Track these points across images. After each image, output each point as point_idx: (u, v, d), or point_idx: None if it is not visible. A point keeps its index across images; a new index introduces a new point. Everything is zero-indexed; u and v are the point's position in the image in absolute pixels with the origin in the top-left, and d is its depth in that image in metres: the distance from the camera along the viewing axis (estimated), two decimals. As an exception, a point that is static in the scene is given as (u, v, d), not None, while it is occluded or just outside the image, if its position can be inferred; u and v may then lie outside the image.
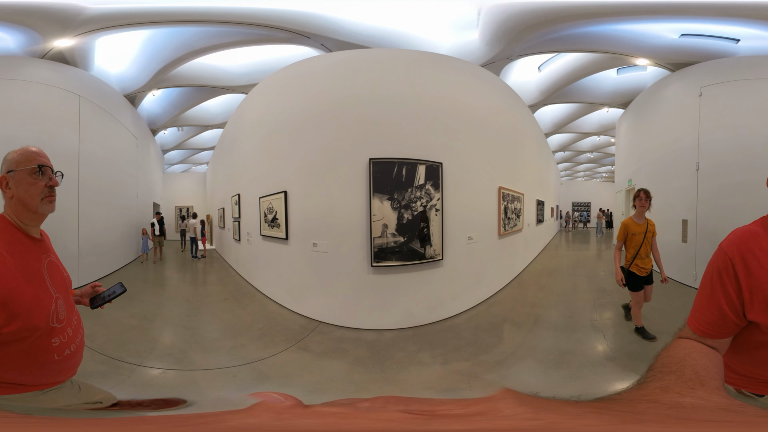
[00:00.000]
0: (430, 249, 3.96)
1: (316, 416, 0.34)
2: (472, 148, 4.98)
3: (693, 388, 0.59)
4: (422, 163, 4.01)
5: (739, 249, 0.92)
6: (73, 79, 6.43)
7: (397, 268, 4.10)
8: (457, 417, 0.33)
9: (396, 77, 4.42)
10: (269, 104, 5.67)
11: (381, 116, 4.26)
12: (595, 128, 13.43)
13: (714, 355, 0.85)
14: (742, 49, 5.83)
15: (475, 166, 5.05)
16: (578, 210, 25.03)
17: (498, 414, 0.34)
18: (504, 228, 6.18)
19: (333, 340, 3.86)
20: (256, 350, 3.65)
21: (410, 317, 4.20)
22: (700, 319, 0.94)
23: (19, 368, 1.17)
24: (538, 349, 3.57)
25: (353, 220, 4.16)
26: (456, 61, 5.15)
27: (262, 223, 5.89)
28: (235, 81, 8.06)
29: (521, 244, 7.76)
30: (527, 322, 4.37)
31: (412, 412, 0.33)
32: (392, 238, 3.97)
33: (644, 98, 8.58)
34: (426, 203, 3.89)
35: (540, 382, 2.90)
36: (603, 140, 14.83)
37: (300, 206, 4.83)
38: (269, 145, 5.60)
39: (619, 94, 9.72)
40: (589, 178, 27.03)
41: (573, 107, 11.63)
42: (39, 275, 1.23)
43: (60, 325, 1.26)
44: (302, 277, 4.82)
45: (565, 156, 18.08)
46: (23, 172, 1.28)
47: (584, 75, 8.81)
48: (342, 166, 4.28)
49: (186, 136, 13.72)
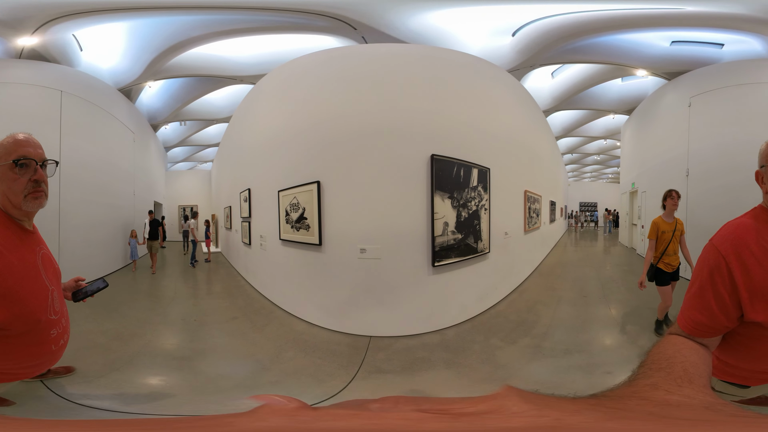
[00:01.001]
0: (480, 243, 4.68)
1: (332, 418, 0.33)
2: (509, 155, 5.84)
3: (681, 386, 0.60)
4: (475, 166, 4.54)
5: (733, 245, 0.90)
6: (53, 75, 6.35)
7: (455, 264, 4.33)
8: (473, 415, 0.34)
9: (455, 78, 4.59)
10: (297, 85, 4.95)
11: (443, 113, 4.26)
12: (601, 132, 14.35)
13: (704, 351, 0.84)
14: (726, 54, 6.50)
15: (511, 171, 5.91)
16: (587, 210, 26.02)
17: (507, 411, 0.35)
18: (528, 225, 7.11)
19: (401, 352, 3.59)
20: (303, 387, 2.95)
21: (464, 311, 4.51)
22: (689, 318, 0.94)
23: (20, 359, 1.18)
24: (566, 320, 4.63)
25: (412, 219, 3.98)
26: (497, 70, 5.77)
27: (282, 223, 5.02)
28: (243, 71, 7.70)
29: (539, 241, 8.70)
30: (553, 302, 5.43)
31: (427, 411, 0.34)
32: (452, 236, 4.22)
33: (645, 106, 9.49)
34: (478, 203, 4.60)
35: (571, 341, 3.88)
36: (609, 143, 15.77)
37: (338, 202, 4.16)
38: (295, 128, 4.78)
39: (624, 102, 10.54)
40: (596, 179, 28.06)
41: (581, 113, 12.52)
42: (35, 268, 1.23)
43: (56, 317, 1.27)
44: (345, 291, 4.17)
45: (573, 158, 19.04)
46: (4, 168, 1.21)
47: (592, 84, 9.63)
48: (397, 158, 3.97)
49: (189, 131, 13.26)
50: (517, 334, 4.12)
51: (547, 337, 4.03)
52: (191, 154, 16.94)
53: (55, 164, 1.32)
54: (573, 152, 17.52)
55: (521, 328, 4.29)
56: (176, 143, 14.22)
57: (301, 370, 3.27)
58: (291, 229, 4.84)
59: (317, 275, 4.47)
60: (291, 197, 4.79)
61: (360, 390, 2.88)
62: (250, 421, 0.33)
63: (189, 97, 9.89)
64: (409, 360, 3.46)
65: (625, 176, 11.98)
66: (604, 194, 25.67)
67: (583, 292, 6.10)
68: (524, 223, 6.83)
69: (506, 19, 5.83)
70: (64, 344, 1.35)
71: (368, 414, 0.34)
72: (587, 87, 9.73)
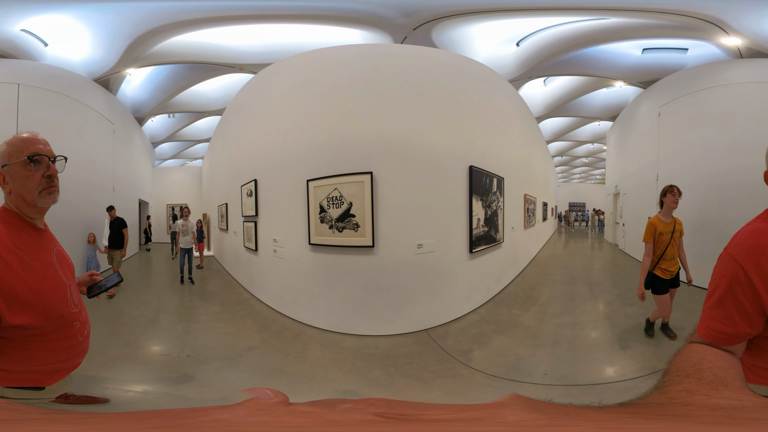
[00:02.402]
0: (498, 234, 6.07)
1: (292, 414, 0.35)
2: (515, 164, 7.27)
3: (717, 389, 0.58)
4: (495, 176, 5.79)
5: (750, 252, 0.89)
6: (5, 70, 6.44)
7: (484, 250, 5.45)
8: (428, 421, 0.33)
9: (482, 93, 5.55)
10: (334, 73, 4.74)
11: (477, 127, 5.21)
12: (589, 137, 15.81)
13: (730, 356, 0.82)
14: (690, 59, 7.00)
15: (516, 178, 7.33)
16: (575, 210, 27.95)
17: (497, 420, 0.33)
18: (527, 223, 8.64)
19: (460, 334, 4.33)
20: (444, 395, 3.10)
21: (488, 291, 5.72)
22: (709, 328, 0.93)
23: (54, 356, 1.27)
24: (560, 294, 6.20)
25: (457, 215, 4.84)
26: (507, 85, 6.90)
27: (315, 223, 4.41)
28: (244, 59, 7.42)
29: (534, 236, 10.28)
30: (549, 283, 7.03)
31: (386, 416, 0.34)
32: (482, 228, 5.36)
33: (625, 115, 10.64)
34: (497, 204, 5.98)
35: (563, 310, 5.32)
36: (596, 147, 17.39)
37: (394, 199, 4.23)
38: (332, 99, 4.57)
39: (608, 109, 11.82)
40: (584, 180, 30.02)
41: (570, 120, 13.85)
42: (51, 266, 1.29)
43: (76, 309, 1.35)
44: (399, 291, 4.34)
45: (563, 160, 20.76)
46: (17, 165, 1.26)
47: (581, 94, 10.86)
48: (442, 165, 4.63)
49: (179, 124, 12.81)
50: (527, 306, 5.57)
51: (547, 307, 5.51)
52: (180, 151, 16.41)
53: (64, 160, 1.38)
54: (563, 155, 19.20)
55: (529, 302, 5.75)
56: (164, 138, 13.71)
57: (406, 387, 3.20)
58: (329, 230, 4.27)
59: (367, 282, 4.29)
60: (330, 188, 4.21)
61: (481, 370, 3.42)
62: (228, 412, 0.35)
63: (178, 86, 9.42)
64: (473, 336, 4.21)
65: (609, 179, 13.36)
66: (592, 195, 27.76)
67: (571, 275, 7.85)
68: (524, 220, 8.34)
69: (513, 29, 6.42)
70: (88, 333, 1.43)
71: (328, 414, 0.35)
72: (576, 96, 11.00)
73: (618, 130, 11.49)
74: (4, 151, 1.27)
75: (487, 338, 4.31)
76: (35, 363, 1.23)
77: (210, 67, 8.03)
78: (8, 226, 1.22)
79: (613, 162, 12.54)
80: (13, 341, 1.16)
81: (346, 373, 3.44)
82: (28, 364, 1.21)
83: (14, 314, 1.10)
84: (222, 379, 3.29)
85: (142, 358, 3.85)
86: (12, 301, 1.10)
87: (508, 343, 4.22)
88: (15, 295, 1.11)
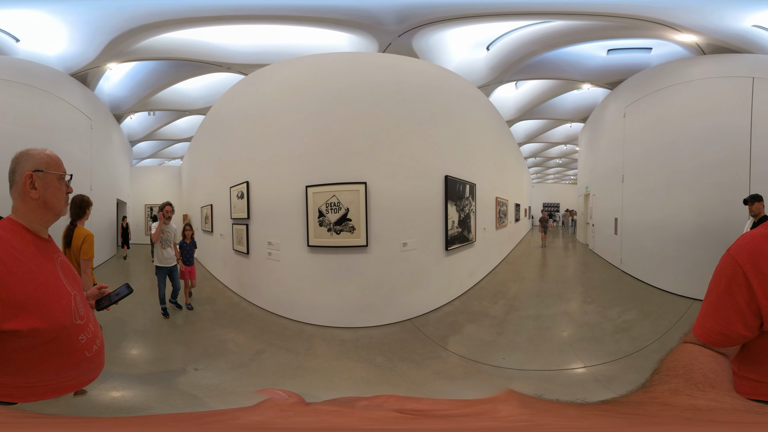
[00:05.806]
0: (470, 234, 7.03)
1: (315, 414, 0.37)
2: (486, 170, 8.31)
3: (704, 390, 0.62)
4: (468, 183, 6.75)
5: (750, 255, 0.95)
6: None
7: (458, 249, 6.42)
8: (443, 417, 0.36)
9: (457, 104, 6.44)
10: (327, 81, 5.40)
11: (452, 138, 6.22)
12: (562, 138, 16.78)
13: (722, 359, 0.88)
14: (654, 58, 7.27)
15: (487, 182, 8.37)
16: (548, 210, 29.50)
17: (492, 415, 0.36)
18: (498, 224, 9.71)
19: (438, 322, 5.30)
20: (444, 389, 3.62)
21: (462, 285, 6.74)
22: (705, 328, 0.99)
23: (56, 370, 1.28)
24: (530, 288, 7.38)
25: (434, 218, 5.81)
26: (479, 93, 7.71)
27: (314, 226, 5.03)
28: (233, 59, 7.51)
29: (506, 236, 11.42)
30: (519, 279, 8.22)
31: (404, 412, 0.36)
32: (456, 230, 6.30)
33: (594, 116, 11.30)
34: (469, 208, 6.93)
35: (532, 294, 6.43)
36: (569, 148, 18.64)
37: (383, 204, 5.15)
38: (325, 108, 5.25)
39: (579, 111, 12.46)
40: (558, 180, 31.80)
41: (542, 122, 14.64)
42: (55, 275, 1.34)
43: (82, 321, 1.37)
44: (388, 285, 5.29)
45: (536, 161, 22.13)
46: (53, 176, 1.40)
47: (552, 96, 11.51)
48: (422, 174, 5.60)
49: (158, 123, 13.07)
50: (497, 298, 6.59)
51: (515, 299, 6.54)
52: (159, 150, 16.63)
53: (70, 177, 1.53)
54: (536, 156, 20.54)
55: (500, 295, 6.78)
56: (143, 137, 13.87)
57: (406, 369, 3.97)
58: (327, 233, 4.96)
59: (360, 277, 5.15)
60: (329, 195, 4.88)
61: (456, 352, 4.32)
62: (251, 415, 0.38)
63: (160, 83, 9.52)
64: (449, 324, 5.25)
65: (581, 180, 14.29)
66: (566, 195, 29.40)
67: (540, 272, 9.13)
68: (496, 221, 9.40)
69: (483, 33, 6.78)
70: (100, 349, 1.45)
71: (350, 411, 0.37)
72: (547, 99, 11.65)
73: (588, 132, 12.28)
74: (42, 159, 1.39)
75: (460, 326, 5.32)
76: (32, 377, 1.24)
77: (196, 65, 8.14)
78: (14, 234, 1.29)
79: (584, 163, 13.48)
80: (8, 351, 1.17)
81: (357, 362, 4.14)
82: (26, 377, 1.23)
83: (9, 318, 1.12)
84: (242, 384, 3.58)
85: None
86: (9, 305, 1.13)
87: (477, 330, 5.22)
88: (13, 299, 1.14)
